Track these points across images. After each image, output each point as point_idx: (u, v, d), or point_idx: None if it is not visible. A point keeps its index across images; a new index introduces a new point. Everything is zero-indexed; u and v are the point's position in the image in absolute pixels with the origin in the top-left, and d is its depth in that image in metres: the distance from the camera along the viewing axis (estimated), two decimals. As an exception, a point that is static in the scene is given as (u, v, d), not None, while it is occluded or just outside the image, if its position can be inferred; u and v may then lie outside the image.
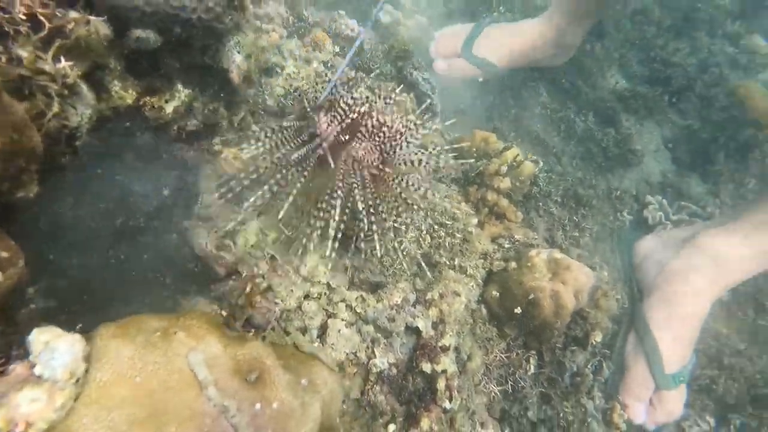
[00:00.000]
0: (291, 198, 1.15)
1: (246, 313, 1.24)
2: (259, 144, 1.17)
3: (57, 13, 0.85)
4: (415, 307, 1.52)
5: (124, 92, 1.09)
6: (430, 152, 1.35)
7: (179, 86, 1.18)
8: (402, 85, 2.02)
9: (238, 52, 1.24)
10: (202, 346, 0.65)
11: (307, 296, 1.40)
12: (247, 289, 1.23)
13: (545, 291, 1.53)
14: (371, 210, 1.24)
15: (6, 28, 0.78)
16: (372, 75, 2.00)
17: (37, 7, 0.82)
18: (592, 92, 3.05)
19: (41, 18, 0.82)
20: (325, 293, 1.44)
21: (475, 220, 1.79)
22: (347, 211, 1.24)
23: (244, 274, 1.29)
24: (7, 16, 0.78)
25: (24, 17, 0.80)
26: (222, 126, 1.35)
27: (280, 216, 1.15)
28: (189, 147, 1.30)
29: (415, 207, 1.63)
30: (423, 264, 1.54)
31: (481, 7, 3.21)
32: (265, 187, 1.19)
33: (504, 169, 1.85)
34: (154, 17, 0.93)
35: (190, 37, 1.03)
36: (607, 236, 2.26)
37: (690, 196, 2.78)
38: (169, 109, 1.18)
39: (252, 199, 1.18)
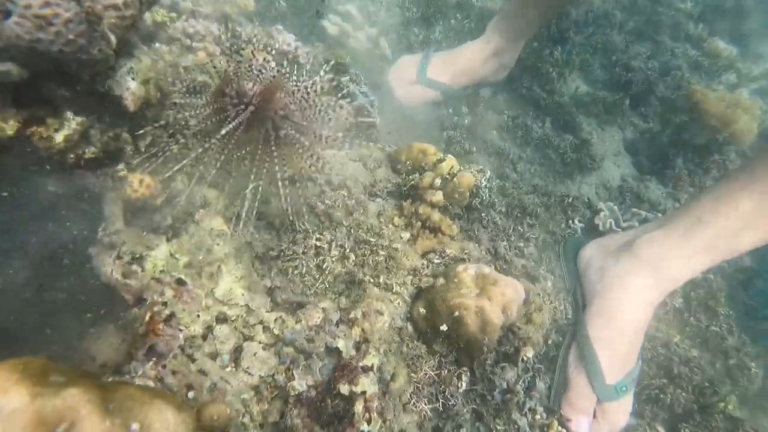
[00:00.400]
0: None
1: (148, 342, 1.22)
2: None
3: None
4: (337, 327, 1.50)
5: (3, 123, 1.08)
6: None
7: (69, 114, 1.17)
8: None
9: (133, 79, 1.22)
10: (3, 400, 0.62)
11: (220, 320, 1.38)
12: (147, 317, 1.21)
13: (470, 308, 1.51)
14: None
15: None
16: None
17: None
18: (549, 98, 3.04)
19: None
20: (242, 316, 1.43)
21: (406, 235, 1.78)
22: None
23: (147, 302, 1.27)
24: None
25: None
26: (126, 151, 1.33)
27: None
28: (90, 174, 1.29)
29: (337, 224, 1.62)
30: (346, 282, 1.53)
31: (437, 15, 3.22)
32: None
33: (438, 182, 1.84)
34: (10, 51, 0.91)
35: (63, 67, 1.01)
36: (555, 245, 2.24)
37: (649, 200, 2.76)
38: (59, 138, 1.16)
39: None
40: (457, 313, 1.51)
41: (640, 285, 1.81)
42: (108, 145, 1.28)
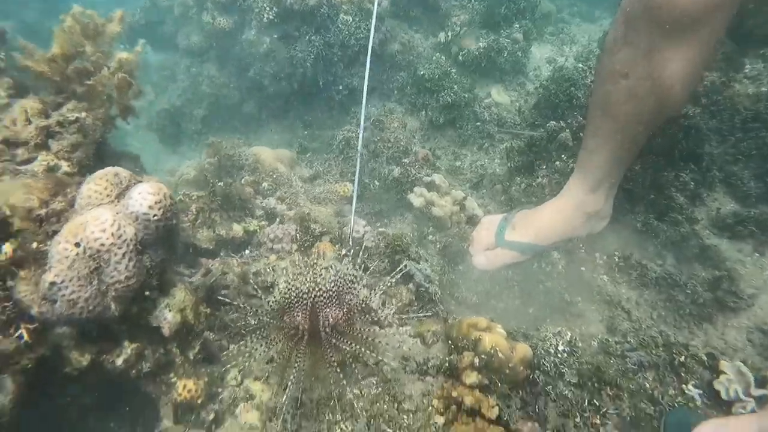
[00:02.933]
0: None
1: None
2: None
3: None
4: None
5: (80, 357, 1.52)
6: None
7: (126, 343, 1.59)
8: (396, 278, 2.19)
9: (169, 311, 1.61)
10: None
11: None
12: None
13: None
14: None
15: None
16: (368, 272, 2.22)
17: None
18: (672, 229, 2.72)
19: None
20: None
21: (440, 420, 1.76)
22: None
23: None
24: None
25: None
26: (177, 362, 1.70)
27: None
28: (150, 382, 1.67)
29: (359, 414, 1.72)
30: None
31: (538, 160, 3.24)
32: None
33: (476, 361, 1.81)
34: (61, 320, 1.36)
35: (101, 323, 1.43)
36: (653, 419, 1.92)
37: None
38: (119, 361, 1.57)
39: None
40: None
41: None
42: (159, 360, 1.66)
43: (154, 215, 1.39)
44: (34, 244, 1.33)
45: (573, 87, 3.61)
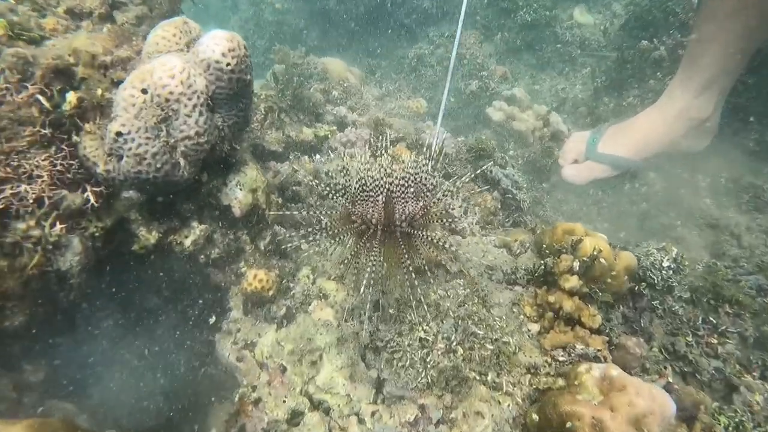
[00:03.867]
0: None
1: (239, 421, 1.36)
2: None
3: (58, 194, 1.21)
4: (436, 427, 1.39)
5: (148, 235, 1.41)
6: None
7: (195, 224, 1.46)
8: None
9: (240, 189, 1.47)
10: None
11: (314, 407, 1.43)
12: (237, 399, 1.36)
13: (584, 418, 1.23)
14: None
15: (17, 208, 1.16)
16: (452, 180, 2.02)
17: (46, 191, 1.19)
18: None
19: (45, 198, 1.19)
20: (339, 405, 1.45)
21: (534, 327, 1.57)
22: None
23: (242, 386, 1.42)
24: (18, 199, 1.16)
25: (33, 200, 1.18)
26: (246, 251, 1.57)
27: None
28: (218, 270, 1.55)
29: (445, 315, 1.55)
30: (452, 378, 1.43)
31: (630, 79, 2.91)
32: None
33: (576, 265, 1.60)
34: (128, 182, 1.23)
35: (162, 190, 1.30)
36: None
37: None
38: (187, 243, 1.45)
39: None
40: (569, 424, 1.24)
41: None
42: (229, 246, 1.53)
43: (227, 64, 1.23)
44: (99, 92, 1.20)
45: (670, 1, 3.21)
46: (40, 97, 1.17)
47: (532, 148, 2.45)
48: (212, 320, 1.54)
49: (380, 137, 2.18)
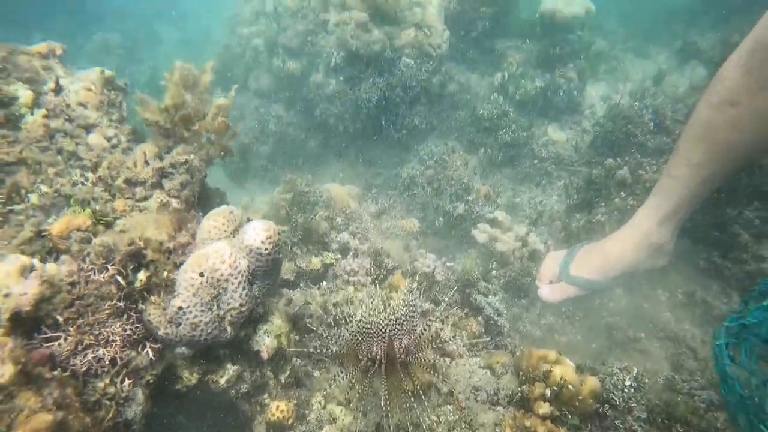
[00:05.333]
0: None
1: None
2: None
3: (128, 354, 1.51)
4: None
5: (190, 376, 1.70)
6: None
7: (228, 365, 1.75)
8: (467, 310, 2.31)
9: (267, 336, 1.78)
10: None
11: None
12: None
13: None
14: None
15: (96, 368, 1.45)
16: (440, 307, 2.34)
17: (119, 353, 1.49)
18: (737, 267, 2.73)
19: (118, 359, 1.48)
20: None
21: (514, 450, 1.84)
22: None
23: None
24: (97, 361, 1.45)
25: (108, 361, 1.47)
26: (270, 385, 1.86)
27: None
28: (245, 402, 1.83)
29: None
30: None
31: (597, 198, 3.31)
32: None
33: (548, 392, 1.89)
34: (182, 341, 1.54)
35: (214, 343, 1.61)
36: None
37: None
38: (222, 381, 1.74)
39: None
40: None
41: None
42: (256, 381, 1.82)
43: (266, 249, 1.57)
44: (165, 273, 1.52)
45: (630, 125, 3.68)
46: (119, 278, 1.50)
47: (513, 266, 2.79)
48: (240, 447, 1.80)
49: (379, 266, 2.53)
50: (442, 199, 3.21)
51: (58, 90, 2.11)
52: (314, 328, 2.05)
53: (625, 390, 2.09)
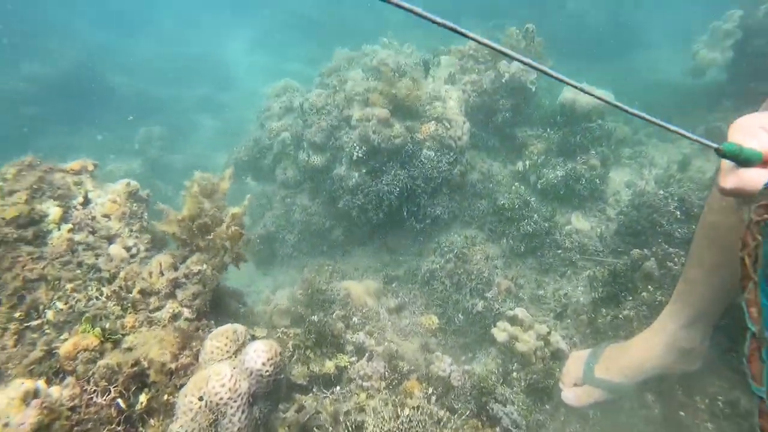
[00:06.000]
0: None
1: None
2: None
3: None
4: None
5: None
6: None
7: None
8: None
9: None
10: None
11: None
12: None
13: None
14: None
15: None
16: (455, 416, 2.24)
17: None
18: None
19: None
20: None
21: None
22: None
23: None
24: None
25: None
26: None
27: None
28: None
29: None
30: None
31: (623, 292, 3.19)
32: None
33: None
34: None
35: None
36: None
37: None
38: None
39: None
40: None
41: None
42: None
43: (266, 371, 1.56)
44: (165, 397, 1.52)
45: (655, 214, 3.60)
46: (120, 401, 1.50)
47: (535, 367, 2.67)
48: None
49: (394, 370, 2.46)
50: (462, 294, 3.16)
51: (86, 203, 2.23)
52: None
53: None
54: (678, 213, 3.60)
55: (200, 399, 1.49)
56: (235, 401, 1.51)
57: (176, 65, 12.41)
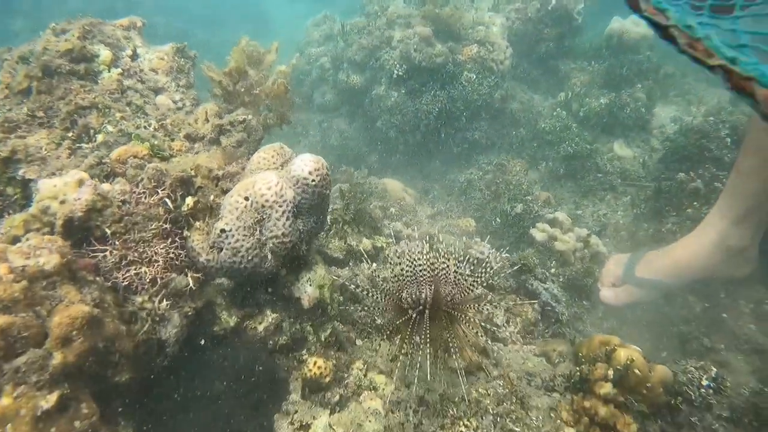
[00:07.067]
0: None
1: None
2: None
3: (168, 276, 1.49)
4: None
5: (228, 318, 1.66)
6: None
7: (268, 311, 1.70)
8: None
9: (310, 285, 1.72)
10: None
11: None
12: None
13: None
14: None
15: (137, 284, 1.44)
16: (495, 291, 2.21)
17: (160, 273, 1.48)
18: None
19: (158, 279, 1.47)
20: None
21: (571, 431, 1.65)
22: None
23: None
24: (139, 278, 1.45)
25: (149, 280, 1.46)
26: (309, 340, 1.78)
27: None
28: (283, 356, 1.76)
29: (484, 412, 1.67)
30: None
31: (667, 207, 3.10)
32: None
33: (611, 373, 1.71)
34: (222, 271, 1.51)
35: (249, 279, 1.57)
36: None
37: None
38: (260, 328, 1.69)
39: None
40: None
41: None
42: (295, 334, 1.75)
43: (312, 180, 1.54)
44: (211, 197, 1.52)
45: (704, 139, 3.46)
46: (168, 200, 1.51)
47: (573, 267, 2.62)
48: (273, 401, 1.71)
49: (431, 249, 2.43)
50: (500, 201, 3.11)
51: (134, 56, 2.24)
52: (360, 298, 1.99)
53: (702, 389, 1.86)
54: (728, 140, 3.46)
55: (246, 199, 1.49)
56: (280, 206, 1.50)
57: (216, 10, 12.38)
